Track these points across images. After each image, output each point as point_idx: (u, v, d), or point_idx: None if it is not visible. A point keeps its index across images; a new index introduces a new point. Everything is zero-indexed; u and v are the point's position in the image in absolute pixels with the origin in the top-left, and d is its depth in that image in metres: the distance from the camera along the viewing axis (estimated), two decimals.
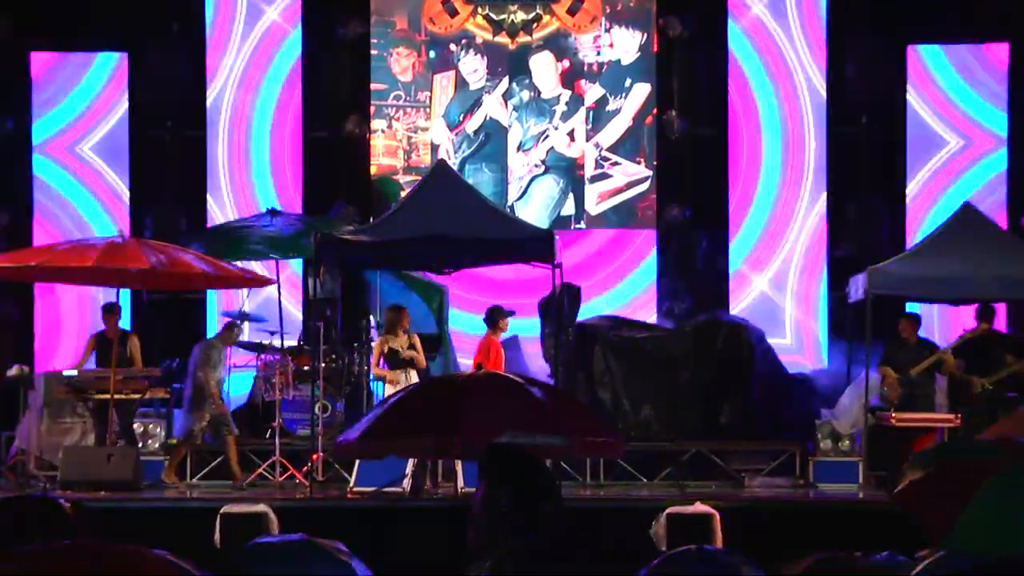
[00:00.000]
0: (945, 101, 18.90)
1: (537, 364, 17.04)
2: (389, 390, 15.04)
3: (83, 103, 19.22)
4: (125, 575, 5.54)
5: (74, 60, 19.27)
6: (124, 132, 19.23)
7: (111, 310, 15.90)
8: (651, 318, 18.46)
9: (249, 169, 19.27)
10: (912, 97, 18.90)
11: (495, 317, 15.60)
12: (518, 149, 19.14)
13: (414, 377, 15.03)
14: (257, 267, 17.62)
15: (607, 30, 19.08)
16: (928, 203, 18.47)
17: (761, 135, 19.14)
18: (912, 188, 18.86)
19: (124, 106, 19.21)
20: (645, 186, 19.08)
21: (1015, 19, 18.63)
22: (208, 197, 19.20)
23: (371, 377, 16.07)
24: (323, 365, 15.78)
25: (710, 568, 9.58)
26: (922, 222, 18.25)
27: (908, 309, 16.65)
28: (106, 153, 19.21)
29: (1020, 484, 7.53)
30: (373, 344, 15.69)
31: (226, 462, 15.59)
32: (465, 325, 18.15)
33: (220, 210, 19.02)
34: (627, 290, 18.99)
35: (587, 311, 17.87)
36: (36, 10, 18.89)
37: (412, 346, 15.17)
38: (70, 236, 18.55)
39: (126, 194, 19.18)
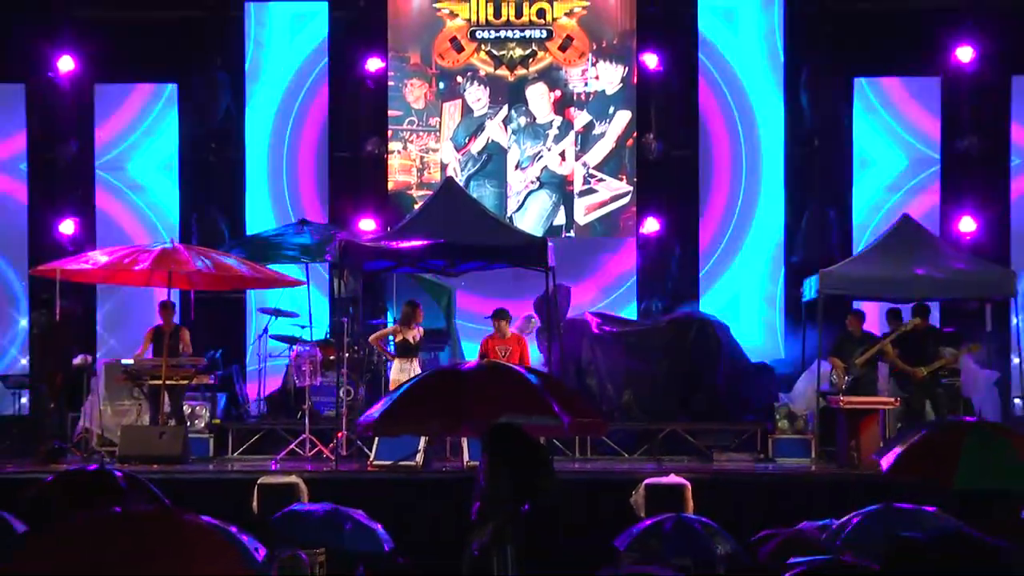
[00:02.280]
0: (886, 126, 18.90)
1: (532, 354, 17.01)
2: (396, 374, 14.96)
3: (139, 127, 19.22)
4: (174, 538, 5.52)
5: (131, 90, 19.27)
6: (174, 153, 19.22)
7: (167, 307, 15.89)
8: (632, 315, 18.43)
9: (282, 185, 19.24)
10: (857, 122, 18.92)
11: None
12: (516, 167, 19.12)
13: (416, 366, 15.01)
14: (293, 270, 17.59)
15: (593, 64, 19.06)
16: (873, 213, 18.45)
17: (727, 155, 19.12)
18: (858, 200, 18.86)
19: (174, 130, 19.20)
20: (626, 200, 19.06)
21: (945, 57, 18.64)
22: (247, 209, 19.18)
23: (385, 359, 15.98)
24: (347, 355, 15.75)
25: (689, 535, 9.58)
26: (866, 231, 18.23)
27: (854, 306, 16.65)
28: (158, 171, 19.21)
29: (989, 438, 8.07)
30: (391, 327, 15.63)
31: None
32: (470, 320, 18.14)
33: (257, 220, 18.99)
34: (611, 290, 18.96)
35: (576, 309, 17.86)
36: (100, 48, 18.87)
37: (418, 337, 15.17)
38: (128, 243, 18.55)
39: (176, 206, 19.17)
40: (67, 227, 18.93)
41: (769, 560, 8.98)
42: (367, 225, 18.54)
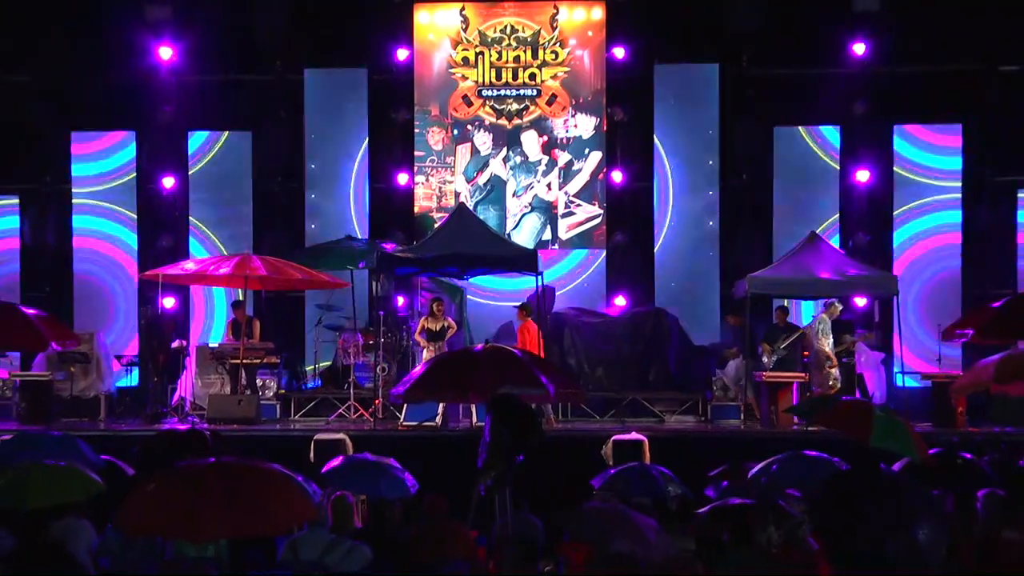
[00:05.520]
0: (799, 164, 18.91)
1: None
2: (427, 355, 15.00)
3: (222, 164, 19.19)
4: (259, 481, 5.54)
5: (216, 136, 19.24)
6: (248, 183, 19.18)
7: (239, 304, 15.92)
8: (603, 309, 18.42)
9: (333, 208, 19.22)
10: (777, 161, 18.93)
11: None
12: (513, 195, 19.11)
13: (442, 348, 14.99)
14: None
15: (573, 115, 19.05)
16: (788, 231, 18.45)
17: (676, 186, 19.12)
18: (777, 221, 18.86)
19: (248, 166, 19.17)
20: (598, 220, 19.04)
21: (843, 110, 18.63)
22: (305, 227, 19.17)
23: (414, 343, 15.98)
24: (382, 340, 15.78)
25: (647, 480, 9.59)
26: (783, 243, 18.22)
27: (780, 303, 16.65)
28: (237, 197, 19.15)
29: (891, 414, 8.50)
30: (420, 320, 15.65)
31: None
32: (477, 314, 18.14)
33: (313, 235, 18.97)
34: (586, 290, 18.94)
35: (560, 304, 17.85)
36: (194, 101, 18.86)
37: (444, 327, 15.15)
38: (212, 254, 18.54)
39: (250, 224, 19.14)
40: (166, 241, 18.91)
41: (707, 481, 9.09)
42: (398, 240, 18.49)
